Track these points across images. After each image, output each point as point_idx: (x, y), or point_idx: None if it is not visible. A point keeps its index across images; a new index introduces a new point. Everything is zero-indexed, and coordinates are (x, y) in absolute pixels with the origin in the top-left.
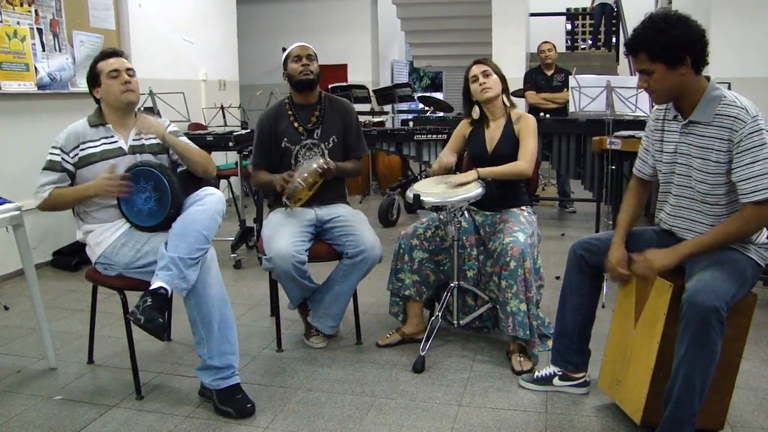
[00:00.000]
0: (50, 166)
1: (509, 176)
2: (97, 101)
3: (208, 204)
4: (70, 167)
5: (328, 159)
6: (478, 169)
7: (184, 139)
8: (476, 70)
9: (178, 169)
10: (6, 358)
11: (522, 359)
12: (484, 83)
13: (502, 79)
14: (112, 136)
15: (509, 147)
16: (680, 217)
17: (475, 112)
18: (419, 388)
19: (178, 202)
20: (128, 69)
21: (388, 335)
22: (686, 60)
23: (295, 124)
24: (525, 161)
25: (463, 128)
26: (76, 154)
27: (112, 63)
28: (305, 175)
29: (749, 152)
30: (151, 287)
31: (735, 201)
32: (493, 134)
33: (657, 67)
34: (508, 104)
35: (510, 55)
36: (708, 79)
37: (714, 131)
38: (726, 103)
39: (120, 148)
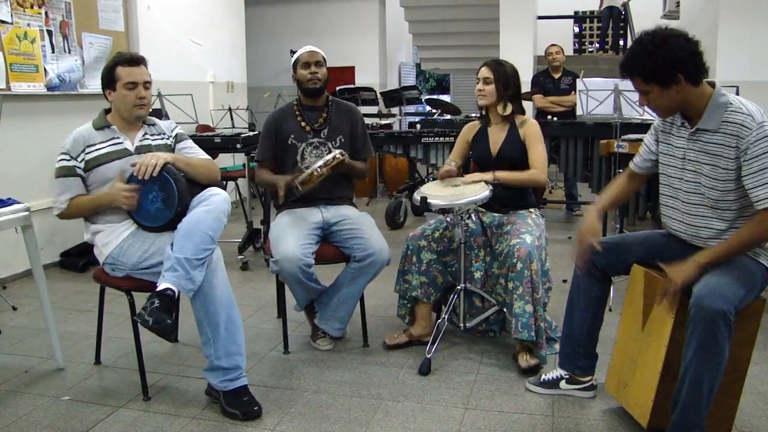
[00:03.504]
0: (64, 173)
1: (525, 184)
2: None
3: (213, 204)
4: (80, 172)
5: (342, 151)
6: (496, 172)
7: (189, 143)
8: (480, 73)
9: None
10: (14, 358)
11: (528, 356)
12: (481, 90)
13: (507, 87)
14: (118, 137)
15: (514, 150)
16: (690, 223)
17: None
18: (426, 391)
19: (185, 202)
20: (146, 82)
21: (396, 335)
22: (678, 77)
23: (302, 123)
24: (539, 170)
25: (466, 133)
26: (83, 158)
27: (132, 73)
28: (322, 163)
29: (757, 159)
30: (158, 288)
31: (746, 206)
32: (496, 137)
33: (652, 88)
34: (502, 113)
35: (517, 58)
36: (713, 85)
37: (721, 138)
38: (732, 110)
39: (126, 149)
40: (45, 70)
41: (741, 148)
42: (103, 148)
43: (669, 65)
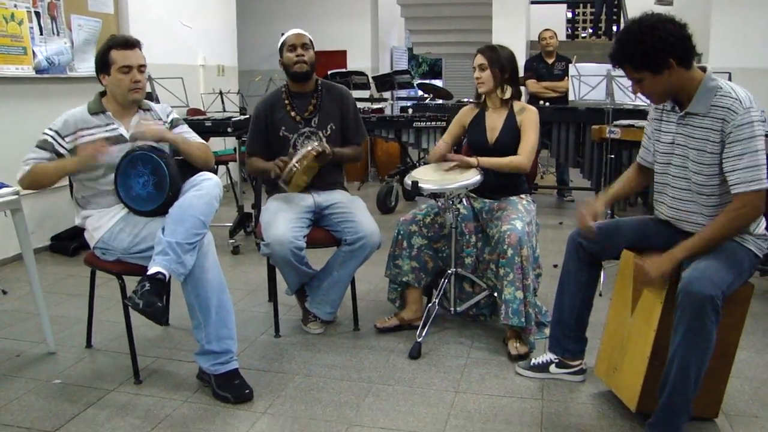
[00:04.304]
0: (41, 145)
1: (507, 169)
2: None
3: (205, 189)
4: (62, 151)
5: (324, 143)
6: (479, 158)
7: (185, 128)
8: (475, 60)
9: (177, 157)
10: (5, 343)
11: (518, 344)
12: (479, 77)
13: (503, 70)
14: (113, 123)
15: (511, 138)
16: (678, 208)
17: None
18: (416, 375)
19: (176, 185)
20: (141, 66)
21: (387, 318)
22: (670, 62)
23: (292, 113)
24: (524, 157)
25: (463, 116)
26: (74, 140)
27: (127, 57)
28: (299, 157)
29: (739, 143)
30: (149, 272)
31: (729, 192)
32: (494, 124)
33: (644, 75)
34: (501, 97)
35: (510, 42)
36: (704, 69)
37: (709, 122)
38: (722, 94)
39: (121, 135)
40: (33, 52)
41: (726, 131)
42: (97, 133)
43: (659, 51)
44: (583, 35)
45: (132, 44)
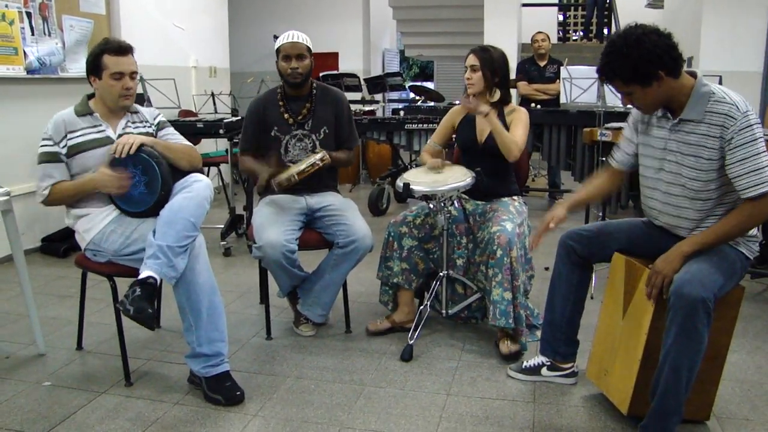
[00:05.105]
0: (47, 159)
1: (503, 142)
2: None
3: (196, 191)
4: (64, 157)
5: (325, 153)
6: (492, 118)
7: (171, 130)
8: (467, 60)
9: None
10: None
11: (509, 342)
12: (469, 78)
13: (494, 73)
14: (100, 125)
15: None
16: (671, 214)
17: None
18: (408, 377)
19: (168, 185)
20: (133, 72)
21: (379, 321)
22: (659, 74)
23: (286, 116)
24: (517, 139)
25: (452, 116)
26: (65, 144)
27: (119, 63)
28: (303, 168)
29: (741, 148)
30: (140, 276)
31: (726, 194)
32: (484, 125)
33: (633, 88)
34: (489, 100)
35: (501, 45)
36: (694, 75)
37: (705, 129)
38: (716, 99)
39: (108, 137)
40: (24, 52)
41: (725, 137)
42: (85, 135)
43: (647, 64)
44: (574, 38)
45: (125, 50)
